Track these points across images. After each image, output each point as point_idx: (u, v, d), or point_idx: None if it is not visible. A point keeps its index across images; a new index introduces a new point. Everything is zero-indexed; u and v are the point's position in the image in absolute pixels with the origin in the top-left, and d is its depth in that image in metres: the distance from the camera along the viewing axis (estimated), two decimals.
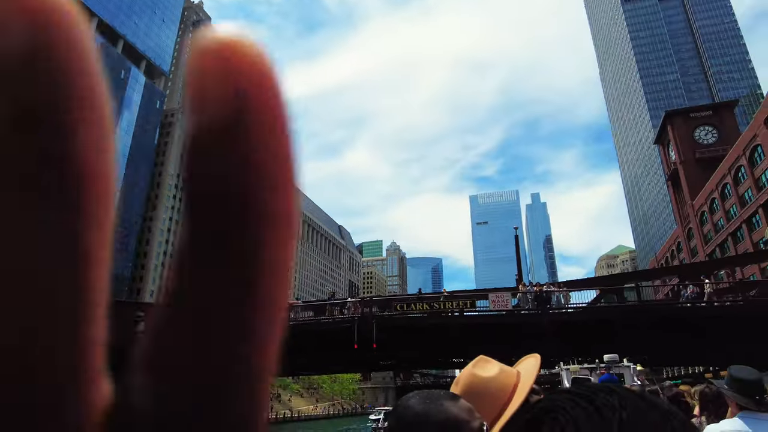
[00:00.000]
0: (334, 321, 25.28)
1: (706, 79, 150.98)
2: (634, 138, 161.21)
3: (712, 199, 66.83)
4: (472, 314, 23.63)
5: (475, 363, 1.57)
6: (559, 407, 0.57)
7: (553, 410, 0.57)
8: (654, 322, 21.37)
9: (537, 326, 22.05)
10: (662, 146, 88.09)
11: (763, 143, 52.41)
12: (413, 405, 1.06)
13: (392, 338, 26.05)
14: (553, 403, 0.58)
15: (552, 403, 0.59)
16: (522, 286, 23.90)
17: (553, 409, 0.57)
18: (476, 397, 1.33)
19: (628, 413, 0.55)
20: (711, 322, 22.41)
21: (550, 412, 0.57)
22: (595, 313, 22.10)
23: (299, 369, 32.67)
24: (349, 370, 35.20)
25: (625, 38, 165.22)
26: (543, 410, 0.59)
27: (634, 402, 0.56)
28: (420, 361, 32.73)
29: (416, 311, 23.85)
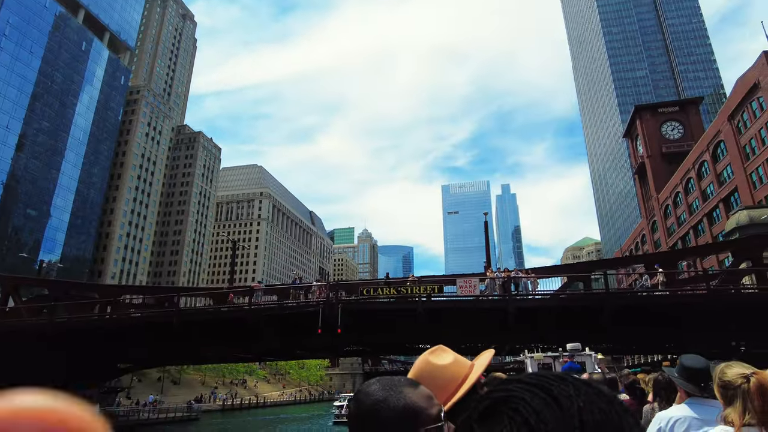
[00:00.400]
0: (298, 305, 24.45)
1: (673, 77, 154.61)
2: (604, 132, 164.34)
3: (676, 193, 68.53)
4: (440, 299, 23.19)
5: (432, 351, 1.63)
6: (517, 397, 0.56)
7: (511, 400, 0.56)
8: (618, 310, 21.37)
9: (503, 312, 21.78)
10: (631, 140, 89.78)
11: (725, 139, 53.76)
12: (374, 391, 1.07)
13: (358, 323, 25.41)
14: (509, 393, 0.57)
15: (508, 392, 0.57)
16: (490, 272, 23.58)
17: (510, 398, 0.56)
18: (428, 383, 1.35)
19: (583, 401, 0.55)
20: (671, 309, 22.62)
21: (508, 401, 0.56)
22: (562, 301, 21.97)
23: (263, 354, 31.75)
24: (315, 356, 34.46)
25: (598, 33, 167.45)
26: (500, 400, 0.57)
27: (586, 389, 0.57)
28: (387, 347, 32.27)
29: (383, 296, 23.24)
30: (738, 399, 2.28)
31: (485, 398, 0.61)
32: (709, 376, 2.89)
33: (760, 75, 46.24)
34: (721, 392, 2.41)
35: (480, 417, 0.59)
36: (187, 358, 32.20)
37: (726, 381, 2.37)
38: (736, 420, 2.24)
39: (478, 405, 0.61)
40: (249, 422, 51.45)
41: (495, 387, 0.61)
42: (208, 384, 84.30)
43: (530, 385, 0.58)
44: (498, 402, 0.58)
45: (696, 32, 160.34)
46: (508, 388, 0.59)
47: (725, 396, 2.37)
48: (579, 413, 0.54)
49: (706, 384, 2.92)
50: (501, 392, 0.59)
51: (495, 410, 0.57)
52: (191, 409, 52.67)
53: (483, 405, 0.60)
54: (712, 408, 2.74)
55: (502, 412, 0.56)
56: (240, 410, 73.17)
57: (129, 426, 39.36)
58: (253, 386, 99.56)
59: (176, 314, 25.57)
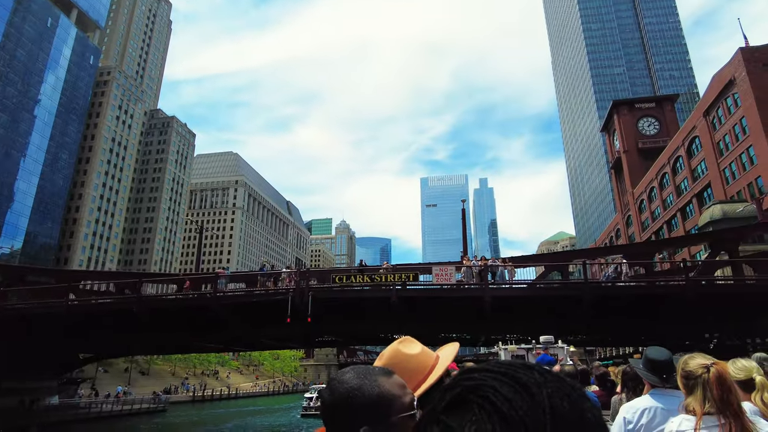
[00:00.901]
0: (267, 293, 23.31)
1: (649, 75, 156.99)
2: (581, 128, 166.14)
3: (651, 188, 69.27)
4: (415, 287, 22.36)
5: (401, 341, 1.66)
6: (486, 385, 0.55)
7: (481, 388, 0.56)
8: (596, 301, 20.89)
9: (480, 301, 21.07)
10: (608, 135, 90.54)
11: (700, 135, 54.28)
12: (348, 379, 1.08)
13: (330, 312, 24.42)
14: (478, 381, 0.57)
15: (477, 381, 0.57)
16: (466, 260, 22.83)
17: (480, 387, 0.56)
18: (397, 372, 1.35)
19: (551, 388, 0.56)
20: (648, 300, 22.29)
21: (477, 389, 0.56)
22: (540, 290, 21.39)
23: (229, 343, 30.52)
24: (285, 346, 33.38)
25: (577, 29, 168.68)
26: (469, 388, 0.57)
27: (551, 377, 0.58)
28: (360, 337, 31.40)
29: (356, 284, 22.28)
30: (698, 388, 2.35)
31: (452, 387, 0.60)
32: (672, 368, 3.00)
33: (736, 71, 46.59)
34: (684, 382, 2.47)
35: (447, 406, 0.58)
36: (151, 348, 30.74)
37: (688, 371, 2.43)
38: (697, 408, 2.30)
39: (444, 394, 0.60)
40: (218, 414, 50.10)
41: (461, 376, 0.61)
42: (179, 375, 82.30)
43: (498, 374, 0.58)
44: (467, 390, 0.57)
45: (672, 32, 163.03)
46: (476, 377, 0.59)
47: (687, 386, 2.44)
48: (549, 399, 0.54)
49: (669, 375, 3.03)
50: (469, 380, 0.58)
51: (463, 399, 0.57)
52: (158, 400, 50.90)
53: (451, 394, 0.59)
54: (675, 398, 2.85)
55: (470, 401, 0.56)
56: (211, 401, 71.58)
57: (88, 419, 37.63)
58: (225, 377, 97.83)
59: (136, 302, 24.15)
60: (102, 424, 37.14)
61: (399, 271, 22.50)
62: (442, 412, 0.57)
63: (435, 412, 0.58)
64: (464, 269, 22.26)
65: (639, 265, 23.87)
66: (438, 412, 0.58)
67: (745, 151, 45.99)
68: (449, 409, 0.57)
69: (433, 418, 0.58)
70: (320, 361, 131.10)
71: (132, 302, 24.43)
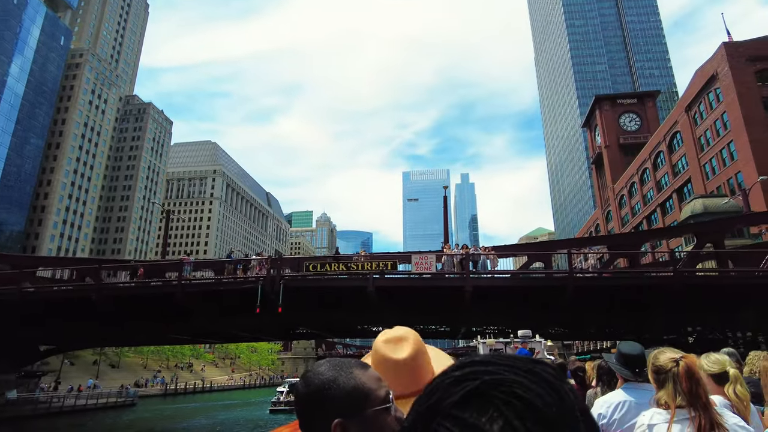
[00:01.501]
0: (235, 281, 21.94)
1: (630, 73, 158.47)
2: (562, 124, 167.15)
3: (631, 183, 69.46)
4: (393, 276, 21.25)
5: (387, 339, 1.53)
6: (509, 380, 0.51)
7: (504, 383, 0.51)
8: (580, 292, 20.09)
9: (460, 291, 20.08)
10: (589, 130, 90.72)
11: (682, 130, 54.32)
12: (323, 371, 1.07)
13: (304, 302, 23.17)
14: (497, 375, 0.52)
15: (496, 375, 0.52)
16: (447, 249, 21.80)
17: (503, 381, 0.51)
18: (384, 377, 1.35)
19: (568, 385, 0.52)
20: (635, 291, 21.64)
21: (500, 384, 0.51)
22: (523, 280, 20.51)
23: (198, 335, 29.04)
24: (259, 339, 32.03)
25: (561, 25, 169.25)
26: (490, 383, 0.52)
27: (562, 374, 0.54)
28: (337, 329, 30.22)
29: (331, 272, 21.06)
30: (669, 382, 2.37)
31: (463, 380, 0.54)
32: (644, 362, 3.02)
33: (719, 66, 46.52)
34: (654, 377, 2.49)
35: (460, 401, 0.52)
36: (114, 339, 29.07)
37: (658, 366, 2.46)
38: (669, 402, 2.33)
39: (453, 387, 0.53)
40: (190, 409, 48.47)
41: (470, 368, 0.55)
42: (151, 368, 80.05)
43: (512, 368, 0.53)
44: (487, 385, 0.51)
45: (653, 30, 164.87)
46: (492, 370, 0.53)
47: (658, 380, 2.47)
48: (574, 396, 0.52)
49: (641, 369, 3.07)
50: (488, 374, 0.53)
51: (480, 394, 0.51)
52: (126, 394, 48.93)
53: (464, 388, 0.52)
54: (647, 392, 2.91)
55: (491, 396, 0.50)
56: (184, 395, 69.64)
57: (49, 415, 35.69)
58: (200, 370, 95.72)
59: (96, 290, 22.53)
60: (62, 420, 35.21)
61: (376, 259, 21.37)
62: (453, 407, 0.51)
63: (443, 406, 0.52)
64: (445, 258, 21.23)
65: (624, 255, 23.19)
66: (448, 406, 0.52)
67: (726, 146, 46.04)
68: (461, 404, 0.51)
69: (441, 414, 0.52)
70: (298, 354, 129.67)
71: (91, 290, 22.80)
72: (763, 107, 43.35)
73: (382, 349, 1.51)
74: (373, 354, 1.53)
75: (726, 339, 27.44)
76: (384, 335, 1.57)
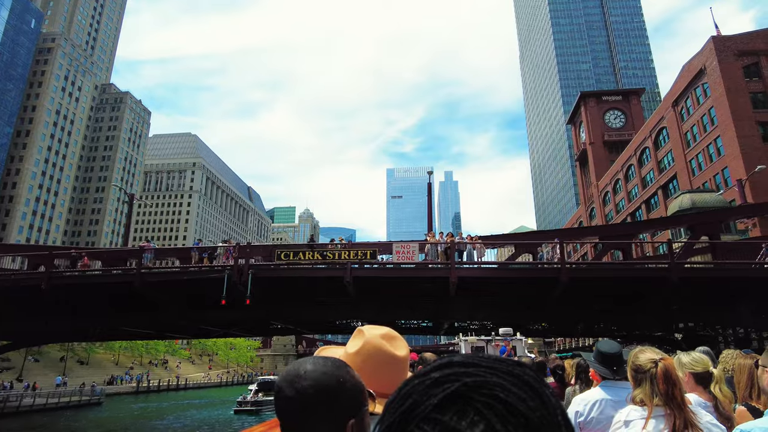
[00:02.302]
0: (200, 270, 20.10)
1: (614, 72, 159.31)
2: (546, 123, 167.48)
3: (616, 180, 68.97)
4: (373, 267, 19.65)
5: (385, 335, 1.54)
6: (491, 383, 0.50)
7: (486, 385, 0.50)
8: (571, 285, 18.77)
9: (445, 283, 18.58)
10: (574, 127, 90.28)
11: (668, 126, 53.76)
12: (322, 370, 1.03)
13: (275, 295, 21.45)
14: (478, 378, 0.50)
15: (476, 377, 0.50)
16: (431, 237, 20.28)
17: (484, 384, 0.50)
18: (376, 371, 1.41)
19: (549, 389, 0.52)
20: (627, 284, 20.46)
21: (481, 387, 0.50)
22: (512, 271, 19.11)
23: (165, 329, 27.06)
24: (230, 334, 30.14)
25: (546, 23, 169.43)
26: (471, 385, 0.50)
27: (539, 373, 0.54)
28: (313, 323, 28.47)
29: (305, 261, 19.37)
30: (646, 382, 2.43)
31: (443, 382, 0.51)
32: (621, 361, 3.12)
33: (707, 61, 45.90)
34: (633, 375, 2.54)
35: (440, 403, 0.49)
36: (68, 334, 26.91)
37: (638, 365, 2.51)
38: (647, 400, 2.37)
39: (434, 390, 0.51)
40: (160, 408, 46.22)
41: (450, 369, 0.53)
42: (123, 364, 77.17)
43: (495, 370, 0.51)
44: (468, 387, 0.50)
45: (637, 31, 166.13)
46: (473, 372, 0.51)
47: (636, 378, 2.51)
48: (558, 403, 0.50)
49: (619, 368, 3.12)
50: (469, 376, 0.51)
51: (460, 396, 0.49)
52: (92, 392, 46.36)
53: (444, 390, 0.50)
54: (624, 390, 2.93)
55: (471, 399, 0.49)
56: (157, 393, 67.16)
57: (3, 415, 33.23)
58: (175, 367, 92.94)
59: (45, 277, 20.45)
60: (16, 422, 32.80)
61: (355, 248, 19.74)
62: (433, 410, 0.49)
63: (422, 409, 0.50)
64: (428, 248, 19.70)
65: (618, 246, 21.96)
66: (427, 409, 0.50)
67: (713, 141, 45.47)
68: (441, 407, 0.49)
69: (420, 416, 0.50)
70: (278, 351, 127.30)
71: (41, 278, 20.72)
72: (750, 103, 42.83)
73: (383, 345, 1.48)
74: (368, 349, 1.47)
75: (716, 336, 26.53)
76: (374, 330, 1.53)
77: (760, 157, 39.02)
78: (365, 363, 1.43)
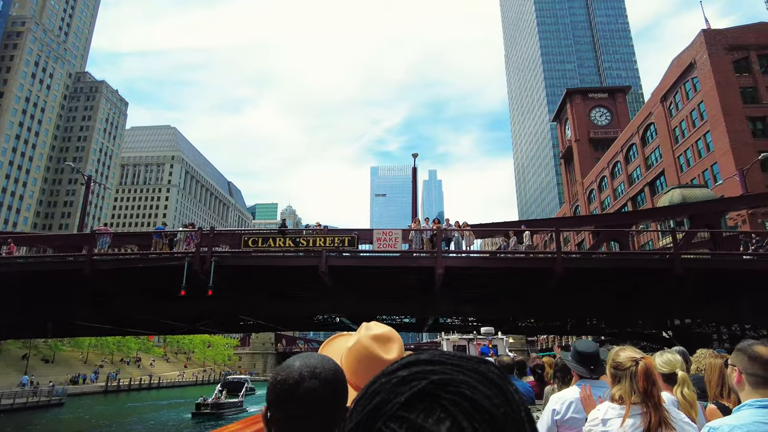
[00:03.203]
0: (159, 257, 18.00)
1: (598, 73, 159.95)
2: (530, 122, 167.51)
3: (602, 177, 68.23)
4: (352, 255, 17.80)
5: (376, 336, 1.55)
6: (458, 380, 0.50)
7: (452, 383, 0.49)
8: (566, 275, 17.20)
9: (431, 273, 16.84)
10: (560, 124, 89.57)
11: (656, 121, 52.97)
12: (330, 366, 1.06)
13: (242, 286, 19.45)
14: (445, 375, 0.50)
15: (443, 375, 0.50)
16: (415, 223, 18.50)
17: (451, 382, 0.49)
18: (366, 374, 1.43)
19: (513, 387, 0.52)
20: (625, 277, 18.99)
21: (448, 385, 0.49)
22: (505, 261, 17.45)
23: (122, 325, 24.78)
24: (197, 330, 27.93)
25: (532, 23, 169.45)
26: (438, 383, 0.50)
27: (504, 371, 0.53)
28: (288, 319, 26.45)
29: (275, 248, 17.41)
30: (626, 380, 2.45)
31: (410, 380, 0.51)
32: (598, 360, 3.17)
33: (697, 54, 45.08)
34: (612, 372, 2.55)
35: (407, 401, 0.49)
36: (17, 329, 24.45)
37: (618, 363, 2.52)
38: (625, 397, 2.41)
39: (401, 388, 0.51)
40: (127, 409, 43.64)
41: (417, 368, 0.52)
42: (93, 362, 73.86)
43: (461, 368, 0.51)
44: (435, 385, 0.49)
45: (621, 32, 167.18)
46: (439, 370, 0.51)
47: (615, 376, 2.53)
48: (519, 397, 0.51)
49: (596, 366, 3.17)
50: (435, 374, 0.51)
51: (427, 394, 0.49)
52: (51, 392, 43.41)
53: (412, 388, 0.50)
54: (600, 388, 3.02)
55: (438, 397, 0.48)
56: (128, 392, 64.28)
57: None
58: (148, 365, 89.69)
59: None
60: None
61: (332, 234, 17.87)
62: (400, 408, 0.49)
63: (389, 407, 0.50)
64: (413, 235, 17.93)
65: (613, 239, 20.49)
66: (394, 407, 0.49)
67: (702, 137, 44.68)
68: (408, 405, 0.49)
69: (387, 414, 0.49)
70: (257, 349, 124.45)
71: None
72: (740, 97, 42.08)
73: (372, 346, 1.50)
74: (358, 349, 1.50)
75: (711, 334, 25.35)
76: (369, 330, 1.55)
77: (750, 153, 38.25)
78: (350, 360, 1.47)
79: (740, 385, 2.17)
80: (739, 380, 2.16)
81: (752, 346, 2.15)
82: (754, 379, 2.09)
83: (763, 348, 2.13)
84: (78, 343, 70.39)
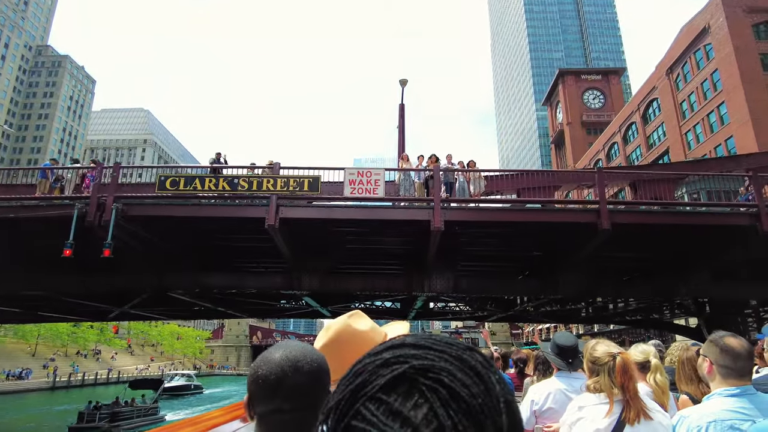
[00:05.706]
0: (36, 206, 12.65)
1: (586, 63, 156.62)
2: (516, 113, 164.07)
3: (597, 161, 64.12)
4: (315, 205, 12.75)
5: (351, 314, 1.60)
6: (438, 367, 0.49)
7: (432, 369, 0.49)
8: (612, 237, 12.44)
9: (424, 231, 11.87)
10: (550, 107, 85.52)
11: (661, 96, 48.85)
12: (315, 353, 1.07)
13: (164, 249, 14.22)
14: (425, 361, 0.50)
15: (423, 360, 0.50)
16: (404, 160, 13.45)
17: (431, 368, 0.49)
18: (345, 345, 1.46)
19: (496, 375, 0.51)
20: (679, 239, 14.31)
21: (427, 370, 0.49)
22: (530, 214, 12.56)
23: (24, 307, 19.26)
24: (129, 315, 22.33)
25: (519, 11, 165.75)
26: (417, 368, 0.49)
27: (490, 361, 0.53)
28: (233, 300, 20.90)
29: (203, 190, 12.21)
30: (604, 374, 2.49)
31: (391, 363, 0.51)
32: (576, 353, 3.21)
33: (711, 18, 40.91)
34: (590, 366, 2.60)
35: (386, 384, 0.49)
36: None
37: (595, 357, 2.56)
38: (606, 391, 2.46)
39: (382, 370, 0.50)
40: (59, 410, 37.83)
41: (399, 351, 0.52)
42: (43, 355, 67.27)
43: (443, 353, 0.51)
44: (415, 370, 0.49)
45: (609, 22, 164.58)
46: (421, 354, 0.51)
47: (592, 370, 2.58)
48: (499, 386, 0.50)
49: (573, 359, 3.21)
50: (416, 359, 0.50)
51: (406, 378, 0.48)
52: None
53: (392, 372, 0.50)
54: (578, 380, 3.06)
55: (416, 382, 0.48)
56: (80, 388, 58.01)
57: None
58: (109, 359, 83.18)
59: None
60: None
61: (285, 175, 12.74)
62: (379, 390, 0.48)
63: (369, 388, 0.49)
64: (400, 178, 12.91)
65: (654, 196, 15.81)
66: (374, 389, 0.49)
67: (716, 109, 40.58)
68: (387, 388, 0.48)
69: (366, 395, 0.49)
70: (230, 342, 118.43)
71: None
72: (761, 64, 38.04)
73: (347, 320, 1.53)
74: (336, 325, 1.52)
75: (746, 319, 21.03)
76: (348, 314, 1.57)
77: None
78: (333, 341, 1.47)
79: (711, 375, 2.26)
80: (710, 370, 2.26)
81: (723, 338, 2.22)
82: (725, 370, 2.18)
83: (734, 340, 2.21)
84: (25, 334, 63.88)
